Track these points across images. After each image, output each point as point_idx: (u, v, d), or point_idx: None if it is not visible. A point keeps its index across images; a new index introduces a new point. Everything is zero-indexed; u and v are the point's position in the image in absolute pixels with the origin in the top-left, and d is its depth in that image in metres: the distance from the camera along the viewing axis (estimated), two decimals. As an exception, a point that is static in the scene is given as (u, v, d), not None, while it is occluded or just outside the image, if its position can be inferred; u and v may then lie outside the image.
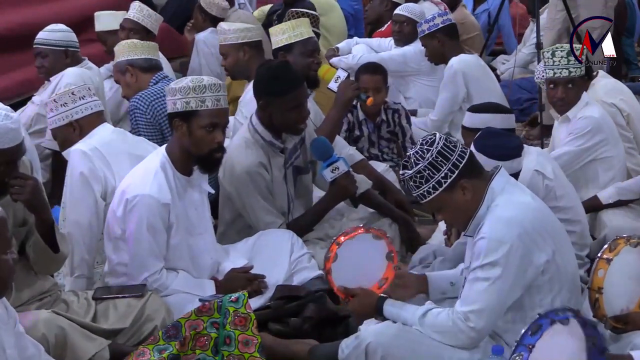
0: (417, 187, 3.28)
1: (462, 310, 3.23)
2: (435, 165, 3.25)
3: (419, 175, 3.26)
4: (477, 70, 6.25)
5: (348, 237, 3.59)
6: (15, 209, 3.63)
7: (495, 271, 3.20)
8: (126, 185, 3.95)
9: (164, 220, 3.91)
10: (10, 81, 6.38)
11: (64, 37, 5.72)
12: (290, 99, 4.36)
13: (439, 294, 3.57)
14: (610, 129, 4.95)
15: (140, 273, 3.91)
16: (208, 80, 3.93)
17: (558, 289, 3.31)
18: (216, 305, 3.46)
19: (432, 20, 6.25)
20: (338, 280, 3.57)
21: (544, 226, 3.32)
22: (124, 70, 5.29)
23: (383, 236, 3.65)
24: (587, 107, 4.90)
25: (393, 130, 5.91)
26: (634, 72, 8.69)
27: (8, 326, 2.99)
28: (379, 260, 3.61)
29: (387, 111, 5.90)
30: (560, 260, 3.33)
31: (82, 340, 3.49)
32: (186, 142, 3.91)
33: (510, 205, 3.28)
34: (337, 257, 3.51)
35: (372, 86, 5.58)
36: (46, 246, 3.61)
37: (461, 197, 3.28)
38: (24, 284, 3.69)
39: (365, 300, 3.47)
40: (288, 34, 5.05)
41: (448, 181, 3.25)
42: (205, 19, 7.35)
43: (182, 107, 3.87)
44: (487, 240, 3.22)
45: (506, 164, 3.82)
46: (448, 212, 3.35)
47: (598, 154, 4.89)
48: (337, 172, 4.47)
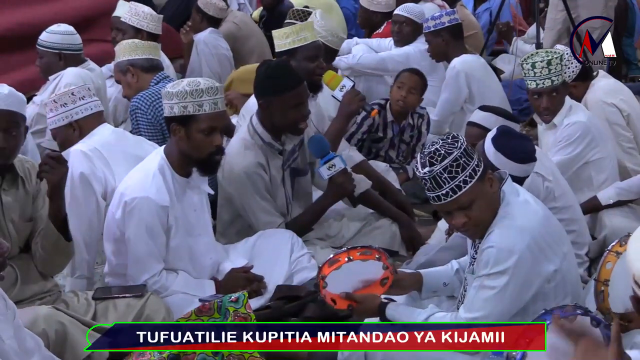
0: (451, 178, 3.10)
1: (466, 317, 3.22)
2: (469, 153, 3.15)
3: (455, 163, 3.10)
4: (479, 70, 6.25)
5: (332, 268, 3.45)
6: (22, 204, 3.65)
7: (502, 280, 3.18)
8: (124, 187, 3.94)
9: (162, 223, 3.91)
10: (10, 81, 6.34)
11: (61, 39, 5.70)
12: (291, 97, 4.35)
13: (430, 293, 3.55)
14: (598, 130, 4.93)
15: (140, 275, 3.91)
16: (205, 83, 3.90)
17: (563, 295, 3.30)
18: (216, 305, 3.46)
19: (439, 18, 6.24)
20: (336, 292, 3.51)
21: (552, 236, 3.30)
22: (125, 70, 5.28)
23: (370, 257, 3.47)
24: (573, 112, 4.87)
25: (414, 134, 5.93)
26: (634, 72, 8.69)
27: (7, 317, 3.00)
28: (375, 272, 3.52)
29: (413, 115, 5.92)
30: (566, 268, 3.32)
31: (82, 336, 3.48)
32: (184, 146, 3.91)
33: (519, 214, 3.23)
34: (326, 284, 3.47)
35: (409, 85, 5.59)
36: (58, 234, 3.63)
37: (489, 189, 3.20)
38: (28, 279, 3.70)
39: (367, 306, 3.45)
40: (292, 38, 4.98)
41: (481, 169, 3.16)
42: (203, 19, 7.36)
43: (179, 112, 3.86)
44: (497, 249, 3.18)
45: (522, 167, 3.84)
46: (478, 206, 3.17)
47: (589, 157, 4.88)
48: (334, 169, 4.47)
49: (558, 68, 4.77)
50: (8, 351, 2.94)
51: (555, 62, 4.77)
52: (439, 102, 6.36)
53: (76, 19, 6.51)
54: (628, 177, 5.06)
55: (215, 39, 7.29)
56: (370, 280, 3.46)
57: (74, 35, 5.77)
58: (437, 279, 3.58)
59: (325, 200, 4.57)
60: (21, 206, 3.68)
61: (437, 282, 3.57)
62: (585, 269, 4.35)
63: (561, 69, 4.80)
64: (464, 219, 3.19)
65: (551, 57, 4.78)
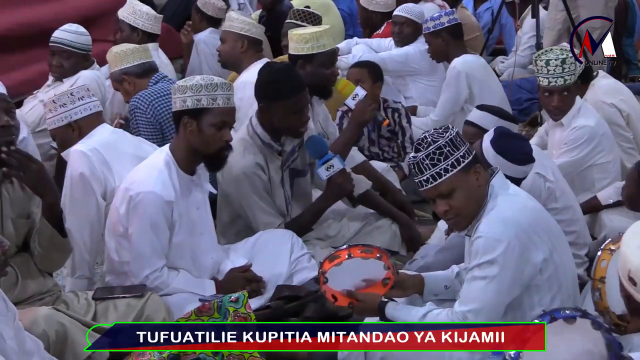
0: (432, 165, 3.20)
1: (460, 309, 3.24)
2: (455, 144, 3.22)
3: (439, 151, 3.19)
4: (480, 71, 6.25)
5: (332, 264, 3.46)
6: (20, 201, 3.66)
7: (493, 270, 3.21)
8: (130, 182, 3.95)
9: (167, 218, 3.91)
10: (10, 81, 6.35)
11: (87, 41, 5.78)
12: (292, 103, 4.35)
13: (432, 296, 3.57)
14: (606, 135, 4.94)
15: (141, 270, 3.91)
16: (218, 79, 3.96)
17: (557, 288, 3.32)
18: (216, 305, 3.46)
19: (438, 19, 6.24)
20: (337, 289, 3.52)
21: (540, 225, 3.33)
22: (120, 80, 5.27)
23: (371, 255, 3.47)
24: (582, 115, 4.87)
25: (393, 129, 5.92)
26: (634, 72, 8.68)
27: (7, 319, 3.00)
28: (375, 272, 3.53)
29: (387, 110, 5.90)
30: (558, 259, 3.33)
31: (82, 336, 3.49)
32: (195, 140, 3.91)
33: (506, 206, 3.27)
34: (327, 280, 3.48)
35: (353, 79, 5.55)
36: (54, 230, 3.62)
37: (474, 181, 3.25)
38: (28, 277, 3.70)
39: (368, 305, 3.46)
40: (311, 44, 4.96)
41: (466, 161, 3.22)
42: (202, 19, 7.36)
43: (192, 105, 3.87)
44: (484, 239, 3.22)
45: (522, 168, 3.85)
46: (459, 196, 3.24)
47: (594, 161, 4.88)
48: (332, 169, 4.47)
49: (572, 67, 4.79)
50: (9, 351, 2.94)
51: (570, 62, 4.78)
52: (439, 102, 6.36)
53: (76, 18, 6.49)
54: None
55: (215, 38, 7.26)
56: (371, 279, 3.46)
57: (90, 37, 5.84)
58: (438, 281, 3.59)
59: (324, 200, 4.57)
60: (18, 203, 3.68)
61: (438, 284, 3.58)
62: (585, 270, 4.35)
63: (575, 69, 4.81)
64: (445, 207, 3.26)
65: (566, 56, 4.80)
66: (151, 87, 5.17)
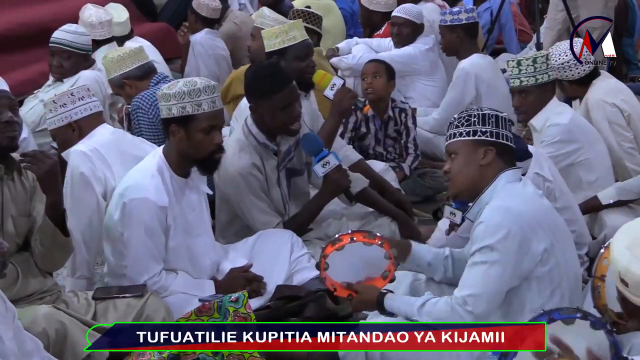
0: (455, 126, 3.39)
1: (460, 295, 3.26)
2: (485, 120, 3.36)
3: (468, 118, 3.37)
4: (488, 71, 6.26)
5: (334, 248, 3.51)
6: (21, 200, 3.66)
7: (493, 255, 3.23)
8: (123, 188, 3.94)
9: (161, 223, 3.91)
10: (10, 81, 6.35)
11: (87, 41, 5.79)
12: (279, 98, 4.33)
13: (414, 266, 3.65)
14: (583, 132, 4.90)
15: (139, 276, 3.91)
16: (201, 82, 3.89)
17: (558, 281, 3.32)
18: (216, 305, 3.46)
19: (457, 14, 6.25)
20: (337, 279, 3.55)
21: (545, 219, 3.35)
22: (121, 85, 5.25)
23: (373, 241, 3.51)
24: (556, 114, 4.85)
25: (399, 129, 5.92)
26: (634, 72, 8.68)
27: (6, 319, 3.00)
28: (377, 260, 3.56)
29: (394, 109, 5.91)
30: (560, 254, 3.34)
31: (82, 336, 3.49)
32: (185, 146, 3.90)
33: (512, 195, 3.32)
34: (328, 266, 3.49)
35: (371, 72, 5.60)
36: (56, 228, 3.61)
37: (479, 159, 3.35)
38: (29, 274, 3.70)
39: (366, 297, 3.48)
40: (281, 38, 4.95)
41: (483, 138, 3.34)
42: (197, 20, 7.37)
43: (178, 113, 3.85)
44: (485, 224, 3.27)
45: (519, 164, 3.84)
46: (458, 162, 3.38)
47: (574, 159, 4.85)
48: (328, 166, 4.46)
49: (530, 70, 4.76)
50: (8, 352, 2.94)
51: (526, 64, 4.77)
52: (443, 101, 6.36)
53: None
54: (628, 177, 5.05)
55: (212, 39, 7.30)
56: (372, 271, 3.49)
57: (90, 37, 5.85)
58: (424, 256, 3.64)
59: (322, 197, 4.56)
60: (19, 201, 3.68)
61: (423, 257, 3.63)
62: (586, 269, 4.34)
63: (534, 72, 4.77)
64: (447, 166, 3.45)
65: (522, 58, 4.81)
66: (152, 87, 5.17)
